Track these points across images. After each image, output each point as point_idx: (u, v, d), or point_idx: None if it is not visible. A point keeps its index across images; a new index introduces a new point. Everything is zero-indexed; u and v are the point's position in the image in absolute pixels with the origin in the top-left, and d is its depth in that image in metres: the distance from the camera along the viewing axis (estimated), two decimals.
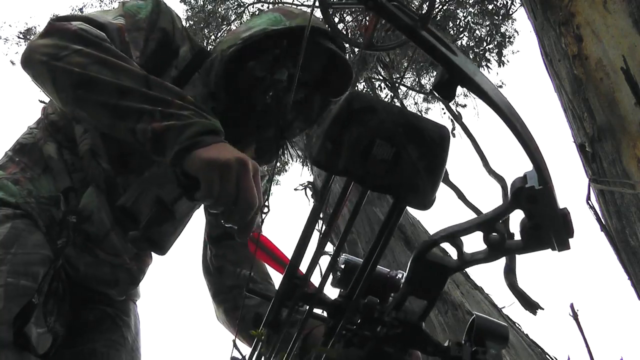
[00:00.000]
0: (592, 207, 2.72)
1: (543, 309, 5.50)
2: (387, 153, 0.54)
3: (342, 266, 0.72)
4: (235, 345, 0.90)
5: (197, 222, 1.41)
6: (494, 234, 0.59)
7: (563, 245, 0.57)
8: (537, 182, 0.55)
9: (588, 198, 2.72)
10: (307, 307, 0.69)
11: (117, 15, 1.14)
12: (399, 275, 0.72)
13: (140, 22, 1.14)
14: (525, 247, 0.58)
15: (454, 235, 0.62)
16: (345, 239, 0.67)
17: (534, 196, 0.55)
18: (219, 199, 0.85)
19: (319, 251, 0.65)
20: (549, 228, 0.56)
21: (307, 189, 6.43)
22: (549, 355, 3.96)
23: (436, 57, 0.55)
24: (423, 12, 0.55)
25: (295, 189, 6.37)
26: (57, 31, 0.99)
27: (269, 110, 1.20)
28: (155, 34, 1.16)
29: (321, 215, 0.65)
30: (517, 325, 4.25)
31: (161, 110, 0.89)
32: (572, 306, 2.51)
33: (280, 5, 8.21)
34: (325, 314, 0.70)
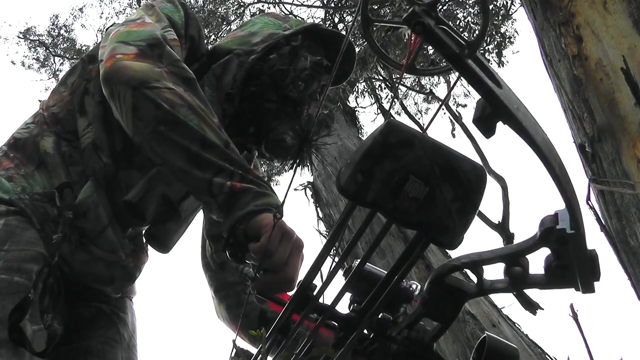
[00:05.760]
0: (592, 208, 2.72)
1: (543, 309, 5.50)
2: (420, 192, 0.51)
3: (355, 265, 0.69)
4: (235, 346, 0.90)
5: (195, 220, 1.41)
6: (516, 267, 0.58)
7: (588, 288, 0.55)
8: (568, 224, 0.53)
9: (588, 198, 2.72)
10: (319, 319, 0.68)
11: (166, 27, 1.12)
12: (413, 287, 0.71)
13: (179, 30, 1.15)
14: (548, 284, 0.57)
15: (475, 264, 0.60)
16: (361, 268, 0.65)
17: (564, 238, 0.53)
18: (269, 258, 0.85)
19: (332, 275, 0.63)
20: (576, 270, 0.54)
21: (307, 189, 6.42)
22: (549, 355, 3.96)
23: (480, 90, 0.51)
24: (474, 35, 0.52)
25: (295, 189, 6.36)
26: (150, 59, 0.99)
27: (281, 109, 1.21)
28: (187, 43, 1.17)
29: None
30: (517, 325, 4.25)
31: (241, 174, 0.91)
32: (572, 306, 2.50)
33: (267, 10, 8.22)
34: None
